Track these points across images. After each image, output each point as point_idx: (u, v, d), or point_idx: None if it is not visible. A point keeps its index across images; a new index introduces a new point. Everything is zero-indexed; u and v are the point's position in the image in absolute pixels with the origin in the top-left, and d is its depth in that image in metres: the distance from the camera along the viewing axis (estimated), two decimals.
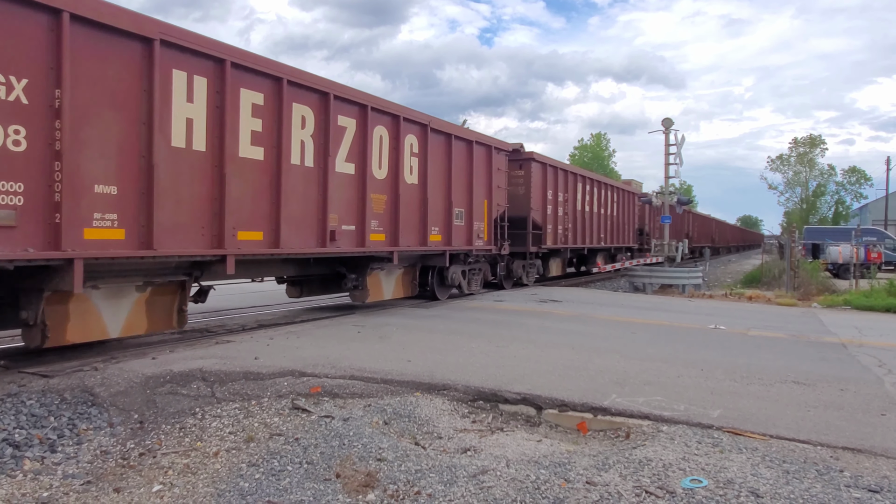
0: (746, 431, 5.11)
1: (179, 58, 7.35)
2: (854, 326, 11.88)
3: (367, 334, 9.04)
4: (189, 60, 7.47)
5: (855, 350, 9.17)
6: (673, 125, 22.04)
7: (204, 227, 7.77)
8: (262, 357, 7.12)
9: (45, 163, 6.03)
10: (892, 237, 38.74)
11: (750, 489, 4.09)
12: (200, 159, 7.68)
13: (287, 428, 5.30)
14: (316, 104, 9.53)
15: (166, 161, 7.21)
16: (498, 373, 6.80)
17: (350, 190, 10.32)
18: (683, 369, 7.32)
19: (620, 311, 13.19)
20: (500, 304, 13.64)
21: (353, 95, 10.29)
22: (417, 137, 12.02)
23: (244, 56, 8.22)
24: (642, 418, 5.45)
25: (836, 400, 6.18)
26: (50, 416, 5.33)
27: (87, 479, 4.53)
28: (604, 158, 72.40)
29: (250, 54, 8.35)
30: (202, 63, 7.64)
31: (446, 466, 4.54)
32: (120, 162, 6.77)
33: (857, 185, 78.16)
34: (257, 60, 8.44)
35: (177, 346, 7.96)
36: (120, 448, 5.04)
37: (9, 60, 5.76)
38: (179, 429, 5.39)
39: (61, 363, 6.85)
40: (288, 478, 4.43)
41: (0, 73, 5.69)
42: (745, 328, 11.17)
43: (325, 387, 6.18)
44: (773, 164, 79.93)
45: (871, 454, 4.70)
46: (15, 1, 5.82)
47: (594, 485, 4.23)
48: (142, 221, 6.98)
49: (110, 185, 6.66)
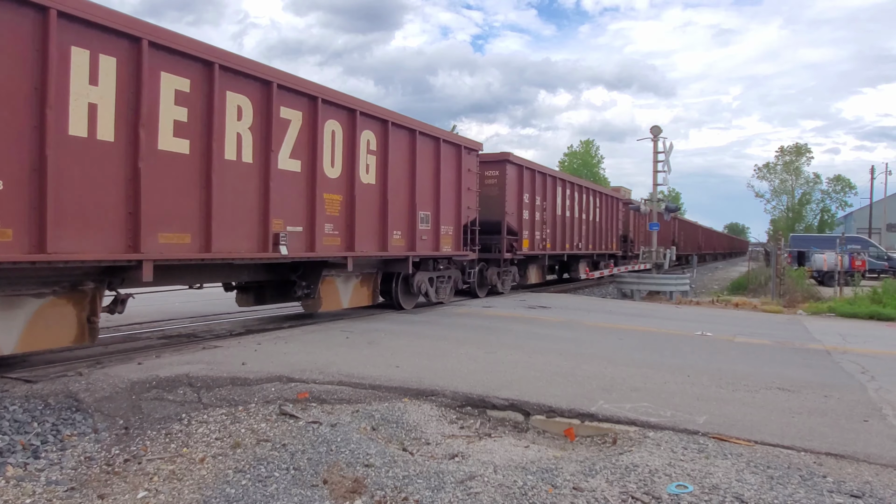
0: (732, 437, 5.15)
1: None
2: (838, 333, 12.00)
3: (355, 340, 9.02)
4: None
5: (839, 357, 9.27)
6: (661, 133, 22.23)
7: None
8: (250, 362, 7.08)
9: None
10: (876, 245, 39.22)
11: (735, 495, 4.12)
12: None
13: (274, 434, 5.28)
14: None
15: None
16: (486, 378, 6.81)
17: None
18: (670, 375, 7.36)
19: (608, 318, 13.25)
20: (488, 310, 13.65)
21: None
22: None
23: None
24: (629, 424, 5.48)
25: (820, 406, 6.24)
26: (33, 421, 5.28)
27: (71, 486, 4.49)
28: (593, 165, 72.82)
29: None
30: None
31: (434, 472, 4.54)
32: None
33: (841, 194, 79.00)
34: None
35: (163, 351, 7.91)
36: (105, 454, 5.00)
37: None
38: (165, 435, 5.36)
39: (45, 368, 6.78)
40: (275, 484, 4.41)
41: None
42: (732, 335, 11.25)
43: (312, 392, 6.16)
44: (760, 172, 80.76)
45: (854, 460, 4.75)
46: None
47: (581, 490, 4.25)
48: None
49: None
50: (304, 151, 9.57)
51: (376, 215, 11.33)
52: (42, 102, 6.17)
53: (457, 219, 13.86)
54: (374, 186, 11.23)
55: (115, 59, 6.85)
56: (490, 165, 16.48)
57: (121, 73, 6.92)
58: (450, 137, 13.64)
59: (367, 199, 11.02)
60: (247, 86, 8.56)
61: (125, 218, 7.02)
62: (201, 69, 7.86)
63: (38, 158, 6.17)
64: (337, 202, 10.31)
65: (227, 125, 8.25)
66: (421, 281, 13.13)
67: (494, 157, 16.68)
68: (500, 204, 16.50)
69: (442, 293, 14.16)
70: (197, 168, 7.86)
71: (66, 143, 6.41)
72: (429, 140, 12.84)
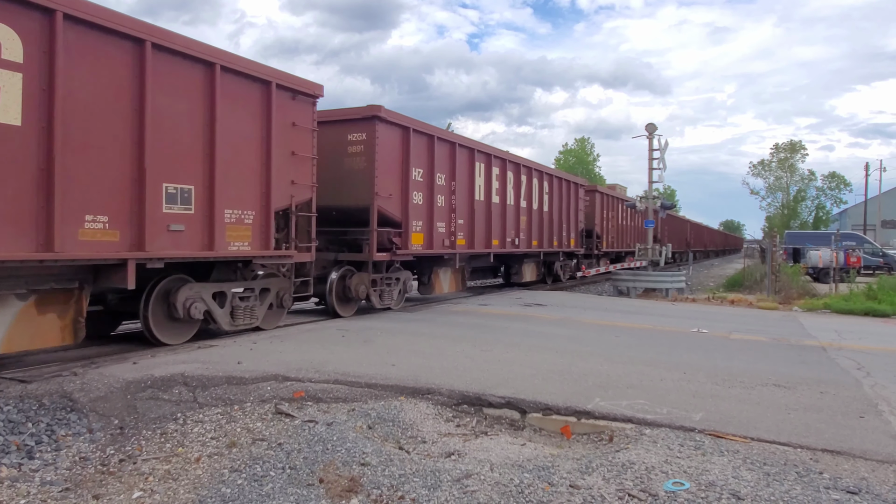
0: (728, 434, 5.16)
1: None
2: (834, 330, 12.03)
3: (351, 338, 9.01)
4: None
5: (834, 353, 9.29)
6: (657, 130, 22.24)
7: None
8: (246, 361, 7.06)
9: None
10: (871, 242, 39.35)
11: (731, 491, 4.12)
12: None
13: (270, 433, 5.26)
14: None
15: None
16: (482, 377, 6.80)
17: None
18: (666, 372, 7.37)
19: (604, 315, 13.26)
20: (484, 307, 13.65)
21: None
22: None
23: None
24: (625, 421, 5.48)
25: (815, 403, 6.25)
26: (28, 421, 5.25)
27: (66, 486, 4.46)
28: (588, 163, 72.93)
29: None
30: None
31: (430, 471, 4.53)
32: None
33: (836, 191, 79.42)
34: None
35: (158, 350, 7.88)
36: (99, 454, 4.98)
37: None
38: (160, 434, 5.34)
39: (40, 368, 6.75)
40: (271, 483, 4.39)
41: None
42: (727, 332, 11.27)
43: (308, 391, 6.14)
44: (755, 169, 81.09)
45: (850, 456, 4.76)
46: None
47: (577, 488, 4.24)
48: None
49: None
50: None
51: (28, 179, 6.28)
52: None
53: (263, 199, 8.94)
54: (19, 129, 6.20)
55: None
56: (352, 126, 11.53)
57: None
58: (249, 67, 8.64)
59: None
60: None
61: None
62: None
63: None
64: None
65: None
66: (185, 300, 8.15)
67: (357, 114, 11.55)
68: (368, 181, 11.35)
69: (240, 318, 8.95)
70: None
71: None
72: (184, 64, 7.79)
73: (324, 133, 10.69)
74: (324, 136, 10.71)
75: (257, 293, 9.34)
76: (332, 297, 11.40)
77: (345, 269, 11.70)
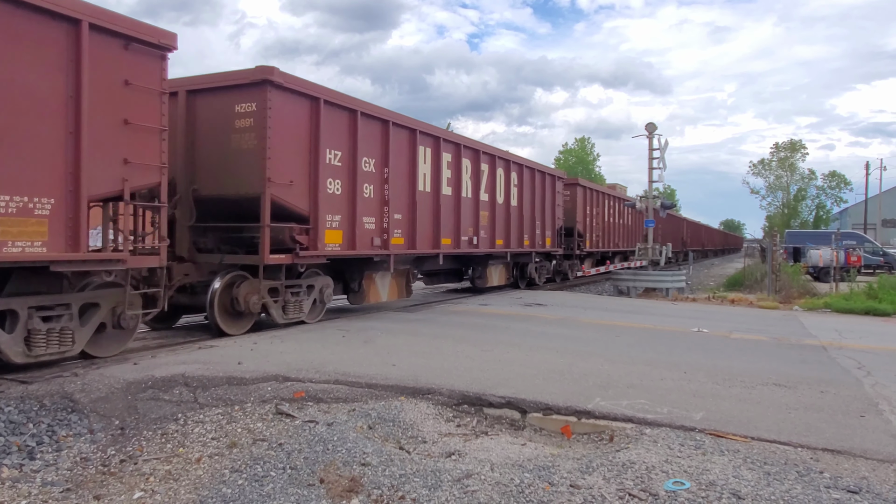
0: (728, 433, 5.16)
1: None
2: (834, 329, 12.03)
3: (351, 338, 9.01)
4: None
5: (835, 352, 9.29)
6: (657, 130, 22.25)
7: None
8: (246, 362, 7.07)
9: None
10: (872, 241, 39.34)
11: (731, 491, 4.13)
12: None
13: (271, 433, 5.26)
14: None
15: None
16: (482, 376, 6.80)
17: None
18: (666, 372, 7.37)
19: (604, 315, 13.26)
20: (484, 307, 13.65)
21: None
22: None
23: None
24: (626, 421, 5.48)
25: (816, 402, 6.25)
26: (29, 422, 5.26)
27: (67, 487, 4.47)
28: (588, 163, 72.93)
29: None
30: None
31: (431, 471, 4.53)
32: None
33: (837, 190, 79.31)
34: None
35: (159, 351, 7.89)
36: (100, 455, 4.98)
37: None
38: (161, 435, 5.34)
39: (40, 369, 6.75)
40: (271, 483, 4.40)
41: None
42: (728, 331, 11.27)
43: (309, 391, 6.15)
44: (755, 168, 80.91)
45: (851, 455, 4.76)
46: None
47: (578, 488, 4.24)
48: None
49: None
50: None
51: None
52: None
53: (69, 183, 6.53)
54: None
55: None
56: (240, 94, 9.11)
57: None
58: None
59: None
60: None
61: None
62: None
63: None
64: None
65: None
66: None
67: (244, 78, 9.09)
68: (258, 164, 8.97)
69: (43, 345, 6.52)
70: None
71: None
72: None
73: (206, 103, 9.33)
74: (206, 108, 9.34)
75: (75, 311, 6.87)
76: (213, 310, 8.87)
77: (233, 275, 9.17)
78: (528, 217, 17.71)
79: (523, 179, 17.39)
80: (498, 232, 16.00)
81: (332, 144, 10.20)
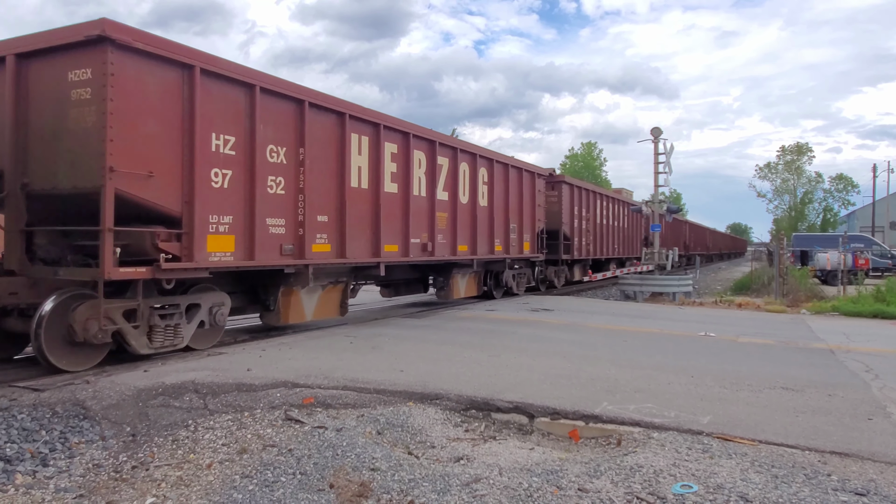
0: (736, 437, 5.17)
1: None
2: (842, 332, 11.99)
3: (359, 345, 9.05)
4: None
5: (843, 356, 9.27)
6: (662, 134, 22.24)
7: None
8: (255, 368, 7.12)
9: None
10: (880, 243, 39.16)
11: (739, 494, 4.14)
12: None
13: (280, 439, 5.31)
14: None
15: None
16: (490, 382, 6.83)
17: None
18: (674, 376, 7.38)
19: (611, 320, 13.26)
20: (491, 313, 13.68)
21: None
22: None
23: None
24: (633, 425, 5.50)
25: (824, 405, 6.25)
26: (41, 429, 5.32)
27: (80, 493, 4.52)
28: (595, 168, 72.90)
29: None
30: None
31: (439, 475, 4.56)
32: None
33: (844, 193, 79.07)
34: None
35: (168, 358, 7.95)
36: (112, 461, 5.03)
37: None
38: (172, 441, 5.39)
39: (52, 377, 6.82)
40: (282, 489, 4.44)
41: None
42: (735, 335, 11.25)
43: (318, 397, 6.19)
44: (762, 171, 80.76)
45: (859, 458, 4.77)
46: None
47: (586, 492, 4.27)
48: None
49: None
50: None
51: None
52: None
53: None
54: None
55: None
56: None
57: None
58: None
59: None
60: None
61: None
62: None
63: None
64: None
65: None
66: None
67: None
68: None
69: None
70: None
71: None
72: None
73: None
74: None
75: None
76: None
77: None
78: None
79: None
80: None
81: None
